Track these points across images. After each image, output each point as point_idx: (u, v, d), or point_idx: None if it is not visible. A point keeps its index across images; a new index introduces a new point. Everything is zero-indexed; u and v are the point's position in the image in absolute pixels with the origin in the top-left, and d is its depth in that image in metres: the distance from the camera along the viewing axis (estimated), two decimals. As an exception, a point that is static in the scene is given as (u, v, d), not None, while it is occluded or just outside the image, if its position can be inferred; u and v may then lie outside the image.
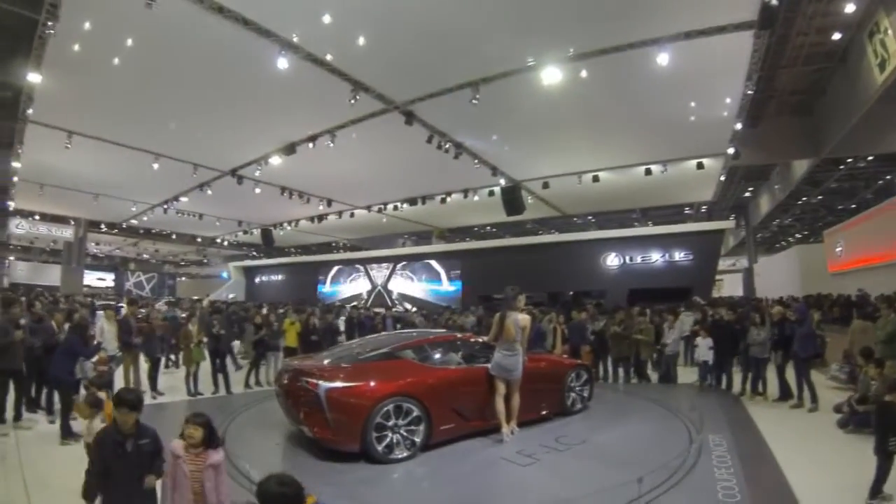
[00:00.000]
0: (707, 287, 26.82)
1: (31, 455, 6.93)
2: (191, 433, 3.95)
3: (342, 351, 8.39)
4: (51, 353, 8.34)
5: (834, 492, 5.74)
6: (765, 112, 19.90)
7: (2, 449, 7.12)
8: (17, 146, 18.67)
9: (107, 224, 36.33)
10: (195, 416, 4.05)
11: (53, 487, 5.70)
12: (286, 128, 17.36)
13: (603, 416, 9.23)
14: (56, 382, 8.17)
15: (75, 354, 8.01)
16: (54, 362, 8.02)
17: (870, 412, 7.37)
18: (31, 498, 5.40)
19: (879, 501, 5.28)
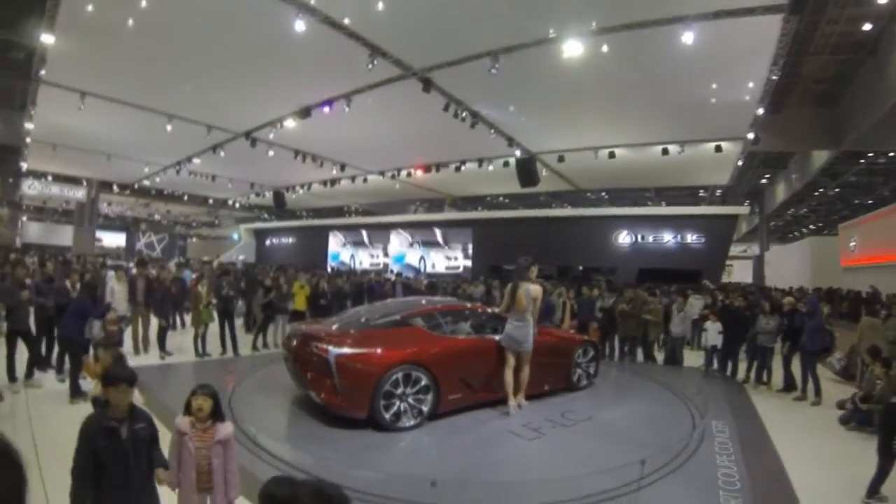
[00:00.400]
0: (717, 271, 26.85)
1: (41, 413, 7.05)
2: (200, 405, 3.64)
3: (351, 316, 8.31)
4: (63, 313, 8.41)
5: (831, 487, 5.77)
6: (788, 99, 19.57)
7: (12, 406, 7.24)
8: (29, 107, 18.69)
9: (119, 185, 36.44)
10: (202, 388, 3.73)
11: (61, 445, 5.72)
12: (302, 91, 17.20)
13: (608, 393, 9.30)
14: (66, 342, 8.27)
15: (85, 315, 8.11)
16: (64, 322, 8.15)
17: (872, 411, 7.44)
18: (39, 455, 5.45)
19: (876, 501, 5.31)
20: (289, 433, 6.78)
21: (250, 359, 11.29)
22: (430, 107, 16.74)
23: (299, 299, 13.09)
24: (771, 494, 5.39)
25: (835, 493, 5.63)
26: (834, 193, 33.22)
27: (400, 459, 6.05)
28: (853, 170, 27.06)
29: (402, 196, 35.68)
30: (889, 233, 23.35)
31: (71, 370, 7.89)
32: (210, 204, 44.05)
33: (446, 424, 7.02)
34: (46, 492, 4.57)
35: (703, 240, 26.56)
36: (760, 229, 39.35)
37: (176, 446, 3.65)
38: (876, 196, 31.75)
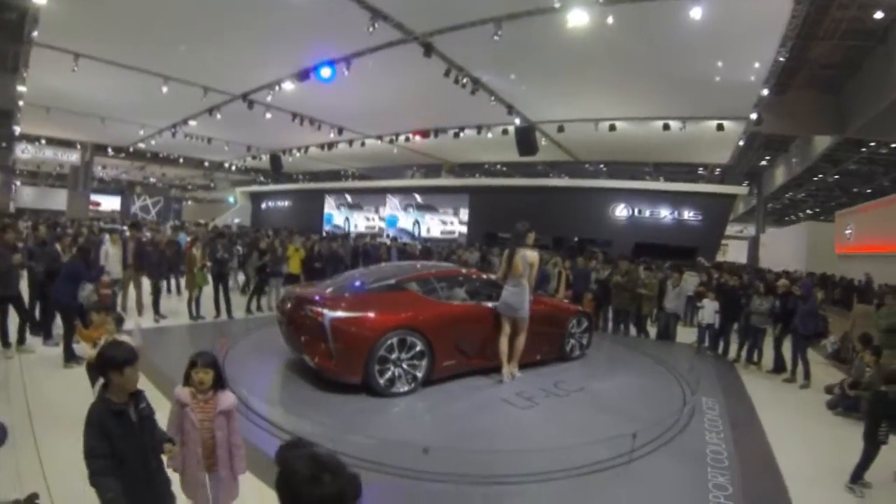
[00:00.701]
0: (713, 250, 27.02)
1: (35, 378, 7.04)
2: (201, 378, 3.45)
3: (345, 280, 8.24)
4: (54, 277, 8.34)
5: (816, 470, 5.83)
6: (793, 82, 19.36)
7: (6, 372, 7.21)
8: (22, 70, 18.30)
9: (113, 148, 36.15)
10: (202, 357, 3.52)
11: (55, 410, 5.78)
12: (301, 53, 16.90)
13: (601, 365, 9.34)
14: (59, 306, 8.22)
15: (78, 278, 8.03)
16: (57, 286, 8.07)
17: (860, 397, 7.53)
18: (33, 420, 5.48)
19: (859, 486, 5.34)
20: (282, 397, 6.75)
21: (244, 322, 11.28)
22: (430, 72, 16.49)
23: (294, 262, 13.04)
24: (757, 474, 5.43)
25: (819, 476, 5.68)
26: (833, 180, 33.21)
27: (393, 425, 6.04)
28: (854, 158, 27.02)
29: (399, 161, 35.47)
30: (886, 223, 23.38)
31: (64, 334, 7.84)
32: (206, 167, 43.75)
33: (440, 391, 7.04)
34: (41, 457, 4.54)
35: (700, 217, 26.60)
36: (758, 211, 39.32)
37: (176, 418, 3.48)
38: (875, 185, 31.74)
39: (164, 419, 3.44)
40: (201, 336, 9.56)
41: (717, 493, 4.80)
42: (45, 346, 8.55)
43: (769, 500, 4.99)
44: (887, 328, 8.68)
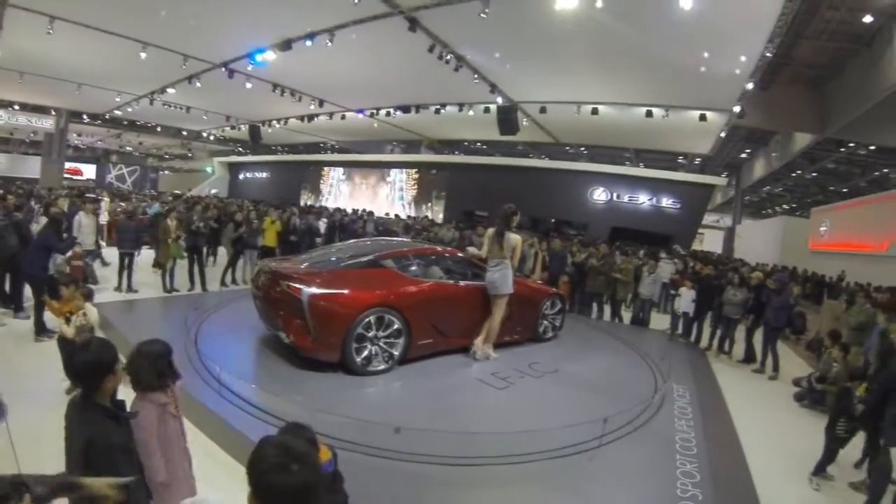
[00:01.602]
0: (689, 238, 27.34)
1: (4, 352, 6.95)
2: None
3: (321, 255, 8.11)
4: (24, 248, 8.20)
5: (781, 460, 5.97)
6: (778, 78, 19.52)
7: None
8: None
9: (89, 115, 35.45)
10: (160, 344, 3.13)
11: (27, 384, 5.65)
12: (283, 22, 16.56)
13: (575, 348, 9.30)
14: (28, 278, 8.05)
15: (49, 250, 7.86)
16: (27, 257, 7.90)
17: (826, 391, 7.71)
18: (2, 394, 5.34)
19: (820, 479, 5.48)
20: (256, 374, 6.62)
21: (218, 295, 11.09)
22: (414, 47, 16.38)
23: (269, 235, 12.90)
24: (725, 462, 5.49)
25: (784, 466, 5.82)
26: (811, 177, 33.69)
27: (368, 404, 5.99)
28: (833, 157, 27.42)
29: (379, 135, 35.36)
30: (859, 223, 23.81)
31: (35, 307, 7.67)
32: (184, 136, 43.17)
33: (416, 369, 7.00)
34: (10, 433, 4.41)
35: (679, 205, 26.78)
36: (735, 202, 39.76)
37: (154, 424, 2.98)
38: (851, 185, 32.28)
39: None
40: (174, 309, 9.41)
41: (685, 480, 4.84)
42: (15, 318, 8.39)
43: (735, 488, 5.03)
44: (856, 326, 8.83)
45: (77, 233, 10.29)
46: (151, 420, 2.95)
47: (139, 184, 55.07)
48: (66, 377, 5.37)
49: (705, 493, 4.65)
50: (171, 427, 3.08)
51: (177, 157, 59.51)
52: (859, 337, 8.60)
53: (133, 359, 3.01)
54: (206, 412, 5.21)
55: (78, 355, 2.69)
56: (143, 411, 2.93)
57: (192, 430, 4.65)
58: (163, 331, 7.26)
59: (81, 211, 11.25)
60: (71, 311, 5.96)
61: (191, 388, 5.54)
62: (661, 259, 13.26)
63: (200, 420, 5.07)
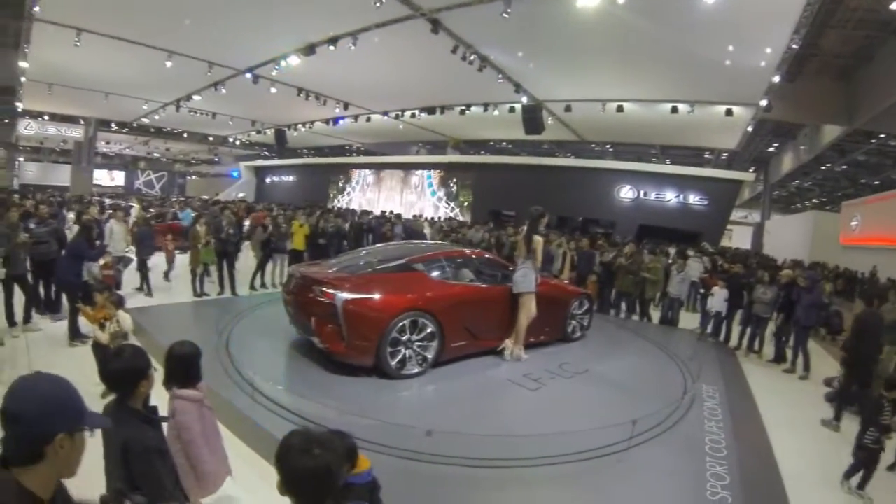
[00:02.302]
0: (717, 235, 27.01)
1: (41, 356, 7.13)
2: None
3: (351, 259, 8.17)
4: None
5: (812, 462, 5.94)
6: (805, 69, 19.19)
7: (12, 351, 7.27)
8: (23, 46, 18.15)
9: (117, 123, 36.14)
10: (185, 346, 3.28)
11: None
12: (307, 28, 16.72)
13: (604, 348, 9.36)
14: (62, 285, 8.30)
15: (81, 257, 8.07)
16: (61, 265, 8.09)
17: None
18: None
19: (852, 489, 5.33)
20: (288, 378, 6.69)
21: (248, 299, 11.23)
22: (437, 49, 16.39)
23: (298, 238, 13.02)
24: (754, 465, 5.46)
25: (814, 469, 5.77)
26: (841, 170, 33.07)
27: (403, 408, 6.05)
28: (863, 148, 26.86)
29: (405, 137, 35.41)
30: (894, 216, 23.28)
31: (70, 312, 7.86)
32: (210, 141, 43.65)
33: (449, 372, 7.07)
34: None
35: (706, 202, 26.51)
36: (764, 197, 39.16)
37: (195, 421, 3.14)
38: (883, 177, 31.57)
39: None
40: (206, 314, 9.55)
41: (715, 482, 4.84)
42: (53, 321, 8.61)
43: (765, 491, 5.01)
44: (890, 324, 8.65)
45: (109, 240, 10.49)
46: (193, 420, 3.13)
47: (167, 189, 55.85)
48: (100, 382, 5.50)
49: (735, 495, 4.64)
50: (209, 419, 3.26)
51: (203, 163, 60.21)
52: (893, 335, 8.41)
53: (166, 358, 3.19)
54: (240, 416, 5.31)
55: (112, 362, 2.79)
56: (185, 415, 3.10)
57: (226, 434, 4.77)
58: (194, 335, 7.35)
59: (113, 218, 11.44)
60: (105, 317, 6.12)
61: (224, 392, 5.68)
62: (689, 257, 13.13)
63: (234, 424, 5.16)
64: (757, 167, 36.52)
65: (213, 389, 5.42)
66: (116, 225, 10.95)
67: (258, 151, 50.19)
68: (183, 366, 3.20)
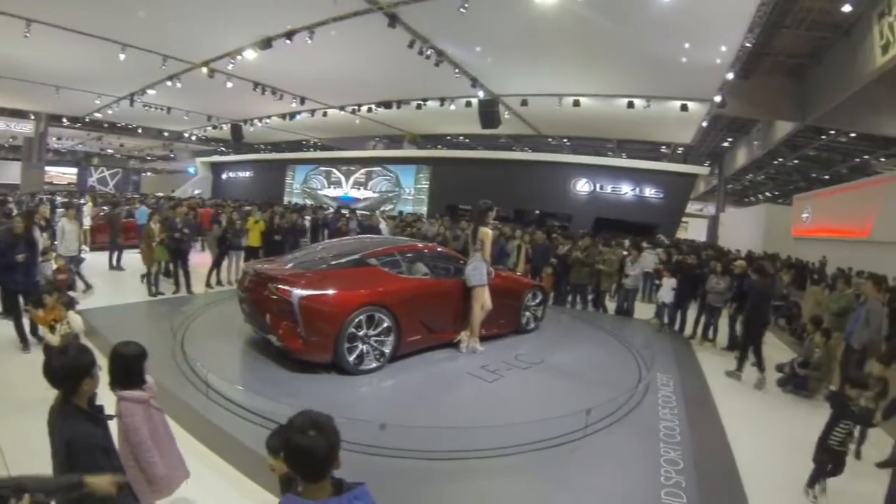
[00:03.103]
0: (673, 227, 27.53)
1: None
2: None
3: (306, 255, 8.10)
4: None
5: (763, 444, 6.08)
6: (758, 67, 19.64)
7: None
8: None
9: (69, 118, 35.03)
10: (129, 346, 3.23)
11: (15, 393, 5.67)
12: (263, 21, 16.44)
13: (559, 338, 9.49)
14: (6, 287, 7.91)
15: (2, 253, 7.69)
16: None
17: (809, 377, 7.85)
18: None
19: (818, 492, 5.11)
20: (244, 376, 6.61)
21: (204, 297, 11.04)
22: (394, 43, 16.30)
23: (253, 235, 12.85)
24: (708, 449, 5.56)
25: (767, 451, 5.90)
26: (792, 165, 33.95)
27: (359, 403, 6.02)
28: (814, 144, 27.67)
29: (361, 132, 35.23)
30: (842, 208, 24.07)
31: (13, 318, 7.56)
32: (165, 137, 42.76)
33: (407, 366, 7.07)
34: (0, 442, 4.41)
35: (662, 195, 27.03)
36: (718, 191, 40.01)
37: (142, 421, 3.10)
38: (833, 172, 32.55)
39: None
40: (161, 313, 9.32)
41: (669, 467, 4.92)
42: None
43: (719, 473, 5.11)
44: (837, 311, 8.94)
45: (61, 240, 10.20)
46: (140, 421, 3.07)
47: (121, 186, 54.41)
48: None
49: (689, 479, 4.72)
50: (157, 419, 3.21)
51: (158, 159, 58.97)
52: (841, 322, 8.69)
53: (110, 359, 3.14)
54: (196, 415, 5.23)
55: (56, 359, 2.74)
56: (132, 417, 3.05)
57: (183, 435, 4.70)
58: (149, 335, 7.25)
59: (65, 217, 11.09)
60: (55, 318, 5.97)
61: (180, 392, 5.60)
62: (644, 249, 13.34)
63: (190, 424, 5.10)
64: (712, 161, 37.25)
65: (169, 390, 5.38)
66: (68, 224, 10.62)
67: (214, 147, 49.36)
68: (126, 366, 3.14)
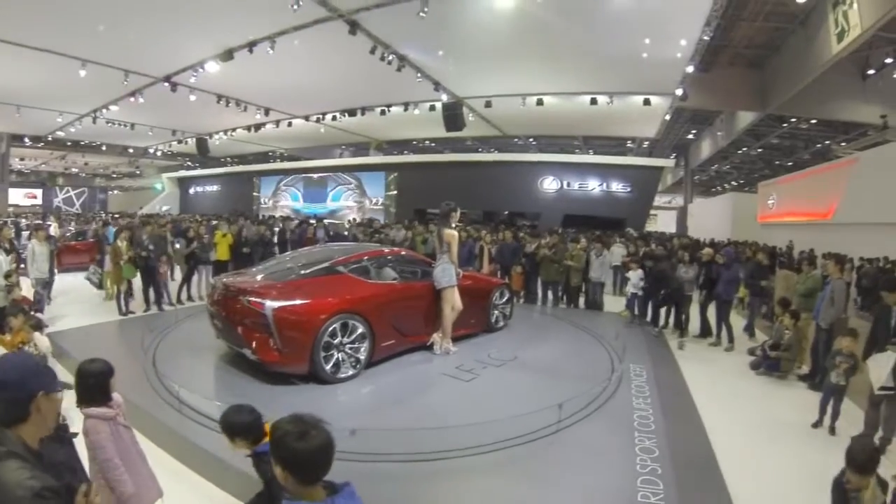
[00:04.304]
0: (641, 220, 27.91)
1: None
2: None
3: (275, 266, 8.07)
4: None
5: (739, 426, 6.16)
6: (718, 59, 20.10)
7: None
8: None
9: (31, 137, 34.56)
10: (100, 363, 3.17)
11: None
12: (224, 32, 16.43)
13: (531, 335, 9.63)
14: None
15: None
16: None
17: (780, 358, 8.00)
18: None
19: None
20: (216, 390, 6.54)
21: (175, 313, 10.86)
22: (356, 49, 16.38)
23: (221, 248, 12.72)
24: (683, 434, 5.65)
25: (741, 431, 6.00)
26: (756, 153, 34.73)
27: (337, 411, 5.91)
28: (776, 132, 28.37)
29: (327, 140, 35.25)
30: (806, 193, 24.61)
31: None
32: (130, 153, 42.22)
33: (383, 371, 7.10)
34: None
35: (629, 189, 27.34)
36: (685, 182, 40.64)
37: (108, 439, 3.03)
38: (796, 158, 33.33)
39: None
40: (132, 331, 9.09)
41: (644, 455, 4.98)
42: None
43: (695, 458, 5.16)
44: (804, 293, 9.12)
45: (31, 262, 9.99)
46: (106, 438, 3.02)
47: (88, 205, 53.52)
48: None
49: (664, 466, 4.79)
50: (125, 437, 3.16)
51: (125, 176, 58.14)
52: (809, 303, 8.86)
53: (75, 377, 3.09)
54: (169, 431, 5.18)
55: None
56: (97, 434, 3.00)
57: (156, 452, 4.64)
58: (119, 354, 7.20)
59: (34, 238, 10.79)
60: (23, 341, 5.86)
61: (152, 409, 5.55)
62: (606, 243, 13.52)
63: (164, 440, 5.04)
64: (678, 153, 37.84)
65: (142, 407, 5.33)
66: (38, 246, 10.34)
67: (181, 162, 48.84)
68: (91, 384, 3.10)
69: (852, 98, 19.92)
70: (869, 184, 19.40)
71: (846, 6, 13.46)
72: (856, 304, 15.09)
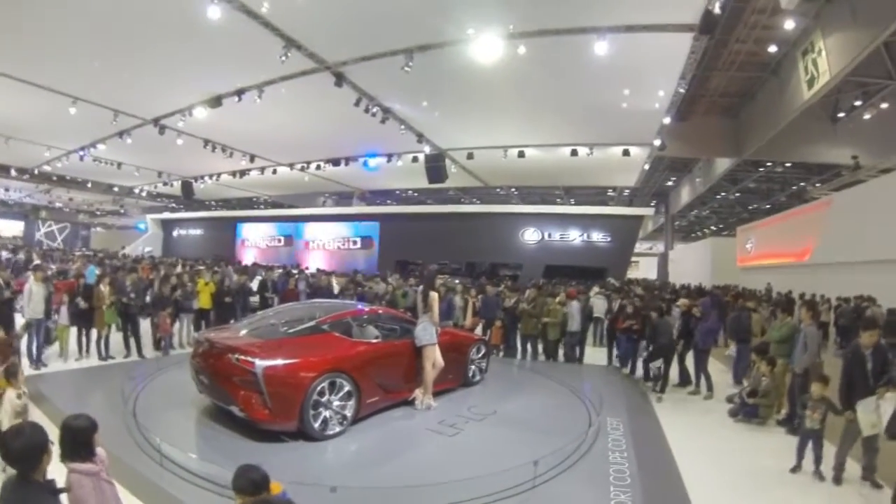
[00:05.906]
0: (622, 269, 28.01)
1: None
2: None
3: (259, 322, 8.22)
4: None
5: (719, 478, 6.14)
6: (694, 109, 20.63)
7: None
8: None
9: (17, 169, 34.28)
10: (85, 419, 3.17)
11: None
12: (214, 79, 16.77)
13: (508, 389, 9.86)
14: None
15: None
16: None
17: (758, 405, 8.03)
18: None
19: None
20: (199, 444, 6.57)
21: (156, 361, 10.81)
22: (341, 101, 16.72)
23: (204, 297, 12.74)
24: (660, 487, 5.72)
25: (721, 483, 5.99)
26: (734, 197, 35.33)
27: (319, 468, 6.01)
28: (753, 177, 29.00)
29: (311, 188, 35.40)
30: (782, 236, 25.09)
31: None
32: (115, 192, 42.04)
33: (368, 427, 7.18)
34: None
35: (609, 238, 27.57)
36: (666, 228, 41.05)
37: (91, 498, 3.00)
38: (773, 201, 33.95)
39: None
40: (112, 378, 9.02)
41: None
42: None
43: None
44: (780, 339, 9.26)
45: (28, 302, 9.72)
46: (88, 493, 3.01)
47: (70, 241, 53.11)
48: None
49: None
50: (108, 492, 3.15)
51: (109, 214, 57.75)
52: (784, 349, 8.97)
53: (60, 432, 3.09)
54: (149, 484, 5.18)
55: (13, 441, 2.75)
56: (81, 489, 3.00)
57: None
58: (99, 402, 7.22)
59: (32, 278, 10.26)
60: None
61: (133, 461, 5.54)
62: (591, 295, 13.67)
63: (144, 493, 4.98)
64: (658, 200, 38.35)
65: (122, 459, 5.29)
66: (35, 286, 9.85)
67: (165, 203, 48.73)
68: (75, 439, 3.11)
69: (824, 140, 20.53)
70: (842, 224, 20.02)
71: (815, 54, 14.00)
72: (836, 344, 15.29)
